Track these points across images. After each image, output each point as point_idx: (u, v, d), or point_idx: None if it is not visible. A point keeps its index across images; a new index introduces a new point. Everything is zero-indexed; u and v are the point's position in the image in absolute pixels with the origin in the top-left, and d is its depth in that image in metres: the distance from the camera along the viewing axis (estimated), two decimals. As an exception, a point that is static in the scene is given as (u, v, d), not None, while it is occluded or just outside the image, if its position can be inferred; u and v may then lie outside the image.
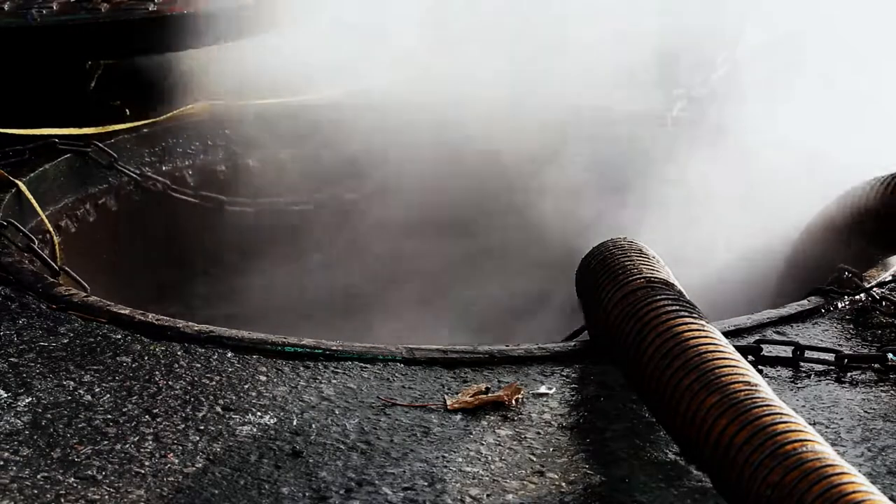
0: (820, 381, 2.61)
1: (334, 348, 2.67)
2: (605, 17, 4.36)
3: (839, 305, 2.97)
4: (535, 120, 4.28)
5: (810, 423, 1.99)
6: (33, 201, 3.62)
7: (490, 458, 2.27)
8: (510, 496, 2.15)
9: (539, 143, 4.26)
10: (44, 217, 3.66)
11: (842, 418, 2.44)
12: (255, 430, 2.35)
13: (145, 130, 4.19)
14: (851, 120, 3.94)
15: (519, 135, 4.26)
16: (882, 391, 2.56)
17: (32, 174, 3.74)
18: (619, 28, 4.36)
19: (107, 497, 2.13)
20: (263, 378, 2.56)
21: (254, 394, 2.49)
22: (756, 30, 4.62)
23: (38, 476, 2.18)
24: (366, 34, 4.33)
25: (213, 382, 2.54)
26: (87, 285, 3.18)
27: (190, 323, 2.78)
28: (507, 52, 4.40)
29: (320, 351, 2.66)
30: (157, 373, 2.57)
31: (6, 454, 2.25)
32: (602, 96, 4.39)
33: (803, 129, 4.08)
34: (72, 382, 2.52)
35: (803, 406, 2.49)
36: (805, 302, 2.98)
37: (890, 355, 2.65)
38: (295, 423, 2.38)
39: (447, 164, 4.25)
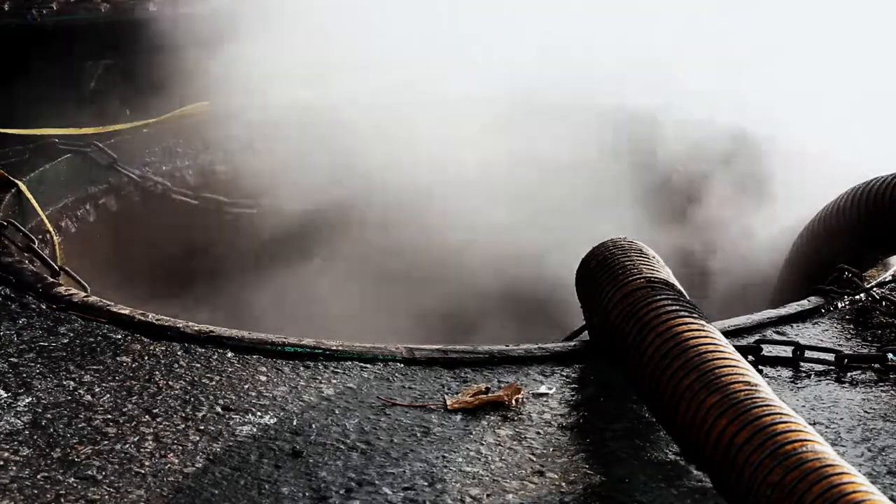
0: (820, 381, 2.61)
1: (334, 348, 2.67)
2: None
3: (839, 305, 2.97)
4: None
5: (810, 423, 1.99)
6: (33, 201, 3.62)
7: (490, 457, 2.27)
8: (510, 496, 2.15)
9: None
10: (44, 217, 3.66)
11: (842, 418, 2.44)
12: (255, 430, 2.35)
13: (145, 130, 4.19)
14: (853, 119, 3.94)
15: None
16: (882, 391, 2.56)
17: (32, 174, 3.75)
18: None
19: (107, 497, 2.13)
20: (263, 378, 2.56)
21: (254, 394, 2.49)
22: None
23: (38, 476, 2.18)
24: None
25: (213, 382, 2.54)
26: (87, 285, 3.18)
27: (190, 323, 2.78)
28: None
29: (320, 351, 2.66)
30: (157, 373, 2.57)
31: (6, 454, 2.25)
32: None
33: (803, 129, 4.09)
34: (72, 382, 2.52)
35: (803, 406, 2.49)
36: (805, 302, 2.98)
37: (890, 355, 2.65)
38: (295, 423, 2.38)
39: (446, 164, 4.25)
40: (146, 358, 2.63)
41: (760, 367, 2.64)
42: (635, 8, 4.52)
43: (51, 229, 3.66)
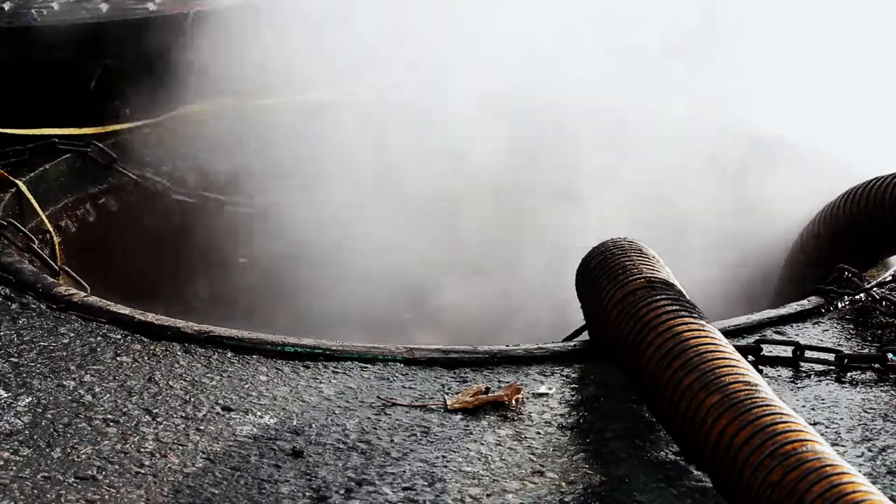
0: (820, 381, 2.61)
1: (334, 348, 2.67)
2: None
3: (839, 305, 2.97)
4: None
5: (810, 423, 1.99)
6: (33, 201, 3.63)
7: (490, 457, 2.27)
8: (510, 496, 2.16)
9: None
10: (44, 217, 3.67)
11: (842, 418, 2.44)
12: (255, 430, 2.35)
13: (145, 130, 4.19)
14: (853, 118, 3.94)
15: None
16: (882, 391, 2.56)
17: (32, 174, 3.75)
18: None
19: (107, 497, 2.13)
20: (263, 378, 2.56)
21: (254, 394, 2.49)
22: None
23: (38, 476, 2.19)
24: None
25: (213, 382, 2.54)
26: (87, 285, 3.18)
27: (190, 323, 2.78)
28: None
29: (320, 351, 2.66)
30: (157, 373, 2.57)
31: (6, 454, 2.25)
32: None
33: (805, 127, 4.08)
34: (72, 382, 2.52)
35: (803, 406, 2.49)
36: (805, 302, 2.98)
37: (890, 355, 2.65)
38: (295, 423, 2.38)
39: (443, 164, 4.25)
40: (146, 358, 2.64)
41: (760, 367, 2.64)
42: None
43: (51, 229, 3.66)
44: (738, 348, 2.40)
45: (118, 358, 2.63)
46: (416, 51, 4.29)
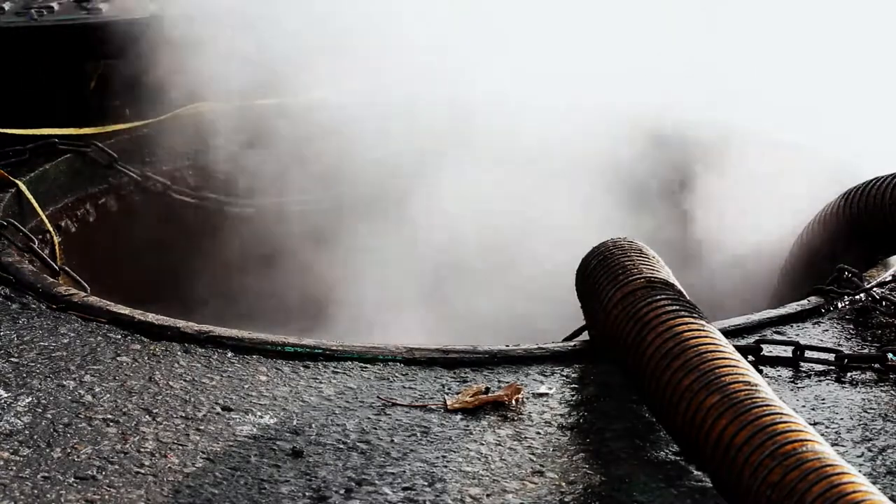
0: (820, 381, 2.61)
1: (334, 348, 2.67)
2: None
3: (839, 305, 2.97)
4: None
5: (810, 423, 1.99)
6: (33, 201, 3.63)
7: (490, 457, 2.27)
8: (510, 496, 2.16)
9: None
10: (44, 217, 3.67)
11: (842, 418, 2.44)
12: (255, 430, 2.35)
13: (145, 130, 4.19)
14: (853, 118, 3.94)
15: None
16: (882, 391, 2.56)
17: (32, 174, 3.75)
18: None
19: (107, 497, 2.13)
20: (263, 378, 2.56)
21: (254, 394, 2.49)
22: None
23: (38, 476, 2.19)
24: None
25: (213, 382, 2.54)
26: (87, 285, 3.18)
27: (190, 323, 2.78)
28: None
29: (320, 351, 2.66)
30: (157, 373, 2.57)
31: (6, 454, 2.25)
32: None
33: (805, 127, 4.09)
34: (72, 382, 2.52)
35: (803, 406, 2.49)
36: (805, 302, 2.98)
37: (890, 355, 2.65)
38: (295, 423, 2.38)
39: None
40: (146, 358, 2.64)
41: (760, 367, 2.64)
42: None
43: (51, 229, 3.66)
44: (738, 348, 2.40)
45: (118, 358, 2.63)
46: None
